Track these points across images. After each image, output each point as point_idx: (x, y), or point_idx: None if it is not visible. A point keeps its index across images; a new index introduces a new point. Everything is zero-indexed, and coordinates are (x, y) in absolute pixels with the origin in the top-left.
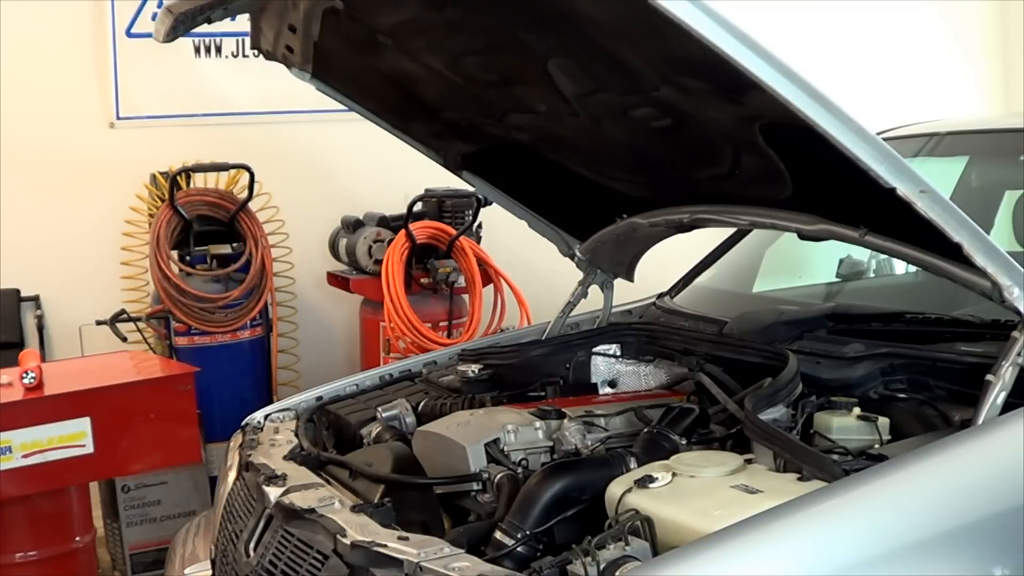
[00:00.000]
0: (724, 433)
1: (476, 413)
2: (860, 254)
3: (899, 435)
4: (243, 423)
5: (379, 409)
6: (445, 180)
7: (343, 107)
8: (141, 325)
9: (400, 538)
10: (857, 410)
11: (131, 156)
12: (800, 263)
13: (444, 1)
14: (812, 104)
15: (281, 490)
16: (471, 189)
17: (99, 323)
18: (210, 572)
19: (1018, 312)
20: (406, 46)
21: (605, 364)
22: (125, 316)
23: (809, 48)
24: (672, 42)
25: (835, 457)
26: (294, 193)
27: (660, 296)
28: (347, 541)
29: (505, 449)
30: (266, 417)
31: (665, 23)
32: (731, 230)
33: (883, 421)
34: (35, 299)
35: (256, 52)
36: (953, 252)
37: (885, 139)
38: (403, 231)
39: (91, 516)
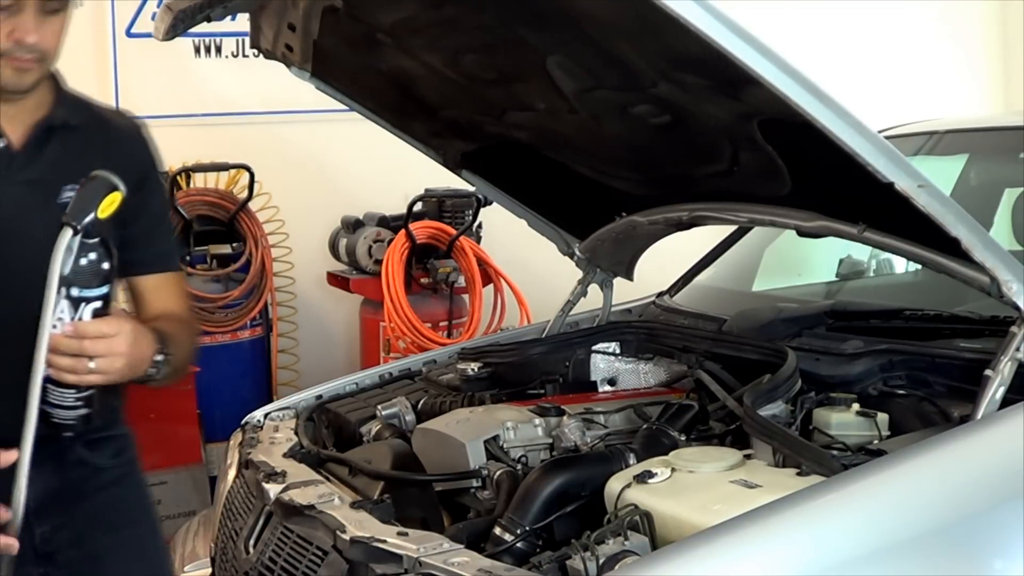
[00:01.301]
0: (723, 429)
1: (476, 411)
2: (860, 254)
3: (898, 431)
4: (243, 422)
5: (379, 407)
6: (445, 180)
7: (343, 107)
8: None
9: (399, 534)
10: (856, 406)
11: None
12: (800, 263)
13: None
14: (810, 99)
15: (281, 487)
16: (471, 189)
17: None
18: (210, 570)
19: (1017, 307)
20: (405, 44)
21: (604, 362)
22: None
23: (808, 48)
24: (671, 38)
25: (834, 452)
26: (294, 193)
27: (660, 295)
28: (346, 537)
29: (504, 446)
30: (266, 416)
31: (664, 19)
32: (730, 228)
33: (882, 417)
34: None
35: (256, 51)
36: (951, 247)
37: (885, 138)
38: (403, 231)
39: None
